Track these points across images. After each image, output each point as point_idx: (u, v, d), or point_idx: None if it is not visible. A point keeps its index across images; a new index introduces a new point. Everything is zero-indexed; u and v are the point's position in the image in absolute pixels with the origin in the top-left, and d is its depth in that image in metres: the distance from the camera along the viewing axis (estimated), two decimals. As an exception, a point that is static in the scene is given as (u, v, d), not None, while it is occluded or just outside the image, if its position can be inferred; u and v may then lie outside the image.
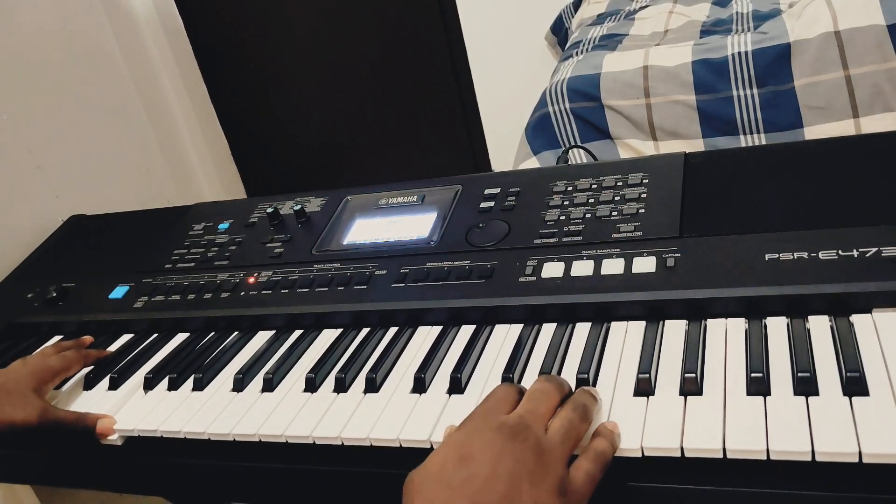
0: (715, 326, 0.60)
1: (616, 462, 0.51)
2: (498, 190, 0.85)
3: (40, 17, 1.29)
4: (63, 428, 0.68)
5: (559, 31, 2.19)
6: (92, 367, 0.79)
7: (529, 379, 0.60)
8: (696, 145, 1.39)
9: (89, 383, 0.77)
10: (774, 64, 1.31)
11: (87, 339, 0.83)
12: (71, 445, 0.70)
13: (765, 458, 0.47)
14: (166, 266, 0.93)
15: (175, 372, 0.73)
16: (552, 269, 0.70)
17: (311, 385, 0.67)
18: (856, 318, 0.57)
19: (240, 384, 0.70)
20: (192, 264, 0.92)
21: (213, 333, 0.82)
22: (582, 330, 0.65)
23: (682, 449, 0.49)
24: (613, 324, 0.65)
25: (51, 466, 0.75)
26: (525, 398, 0.52)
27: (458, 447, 0.47)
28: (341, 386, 0.66)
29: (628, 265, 0.67)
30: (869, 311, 0.57)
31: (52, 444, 0.71)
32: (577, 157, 1.45)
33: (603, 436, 0.51)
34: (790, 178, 0.72)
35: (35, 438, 0.68)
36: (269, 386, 0.68)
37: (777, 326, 0.58)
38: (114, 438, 0.68)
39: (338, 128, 2.46)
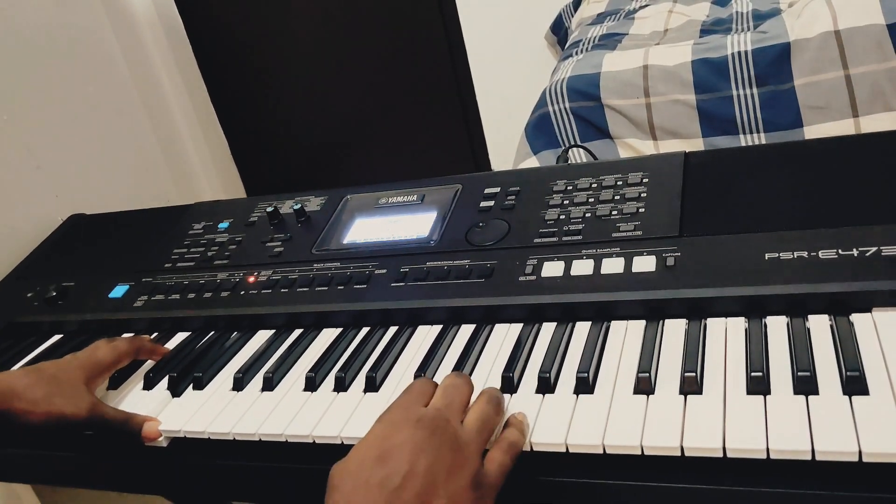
0: (715, 326, 0.60)
1: (616, 460, 0.51)
2: (498, 189, 0.85)
3: (40, 17, 1.29)
4: (110, 426, 0.67)
5: (559, 30, 2.19)
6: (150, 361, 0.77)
7: (529, 378, 0.60)
8: (696, 145, 1.39)
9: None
10: (774, 63, 1.31)
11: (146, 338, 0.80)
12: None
13: (765, 457, 0.47)
14: (166, 265, 0.93)
15: (175, 371, 0.73)
16: (552, 269, 0.70)
17: (311, 384, 0.67)
18: (856, 318, 0.57)
19: (239, 383, 0.70)
20: (192, 263, 0.92)
21: (212, 333, 0.82)
22: (582, 329, 0.65)
23: (681, 448, 0.49)
24: (613, 323, 0.65)
25: (51, 466, 0.75)
26: (439, 391, 0.53)
27: (377, 443, 0.47)
28: (341, 385, 0.66)
29: (628, 264, 0.67)
30: (869, 310, 0.57)
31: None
32: (577, 156, 1.45)
33: (514, 426, 0.52)
34: (790, 178, 0.72)
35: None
36: (268, 385, 0.69)
37: (777, 326, 0.58)
38: (160, 441, 0.67)
39: (338, 128, 2.46)
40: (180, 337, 0.83)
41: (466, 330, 0.70)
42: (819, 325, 0.57)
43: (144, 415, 0.68)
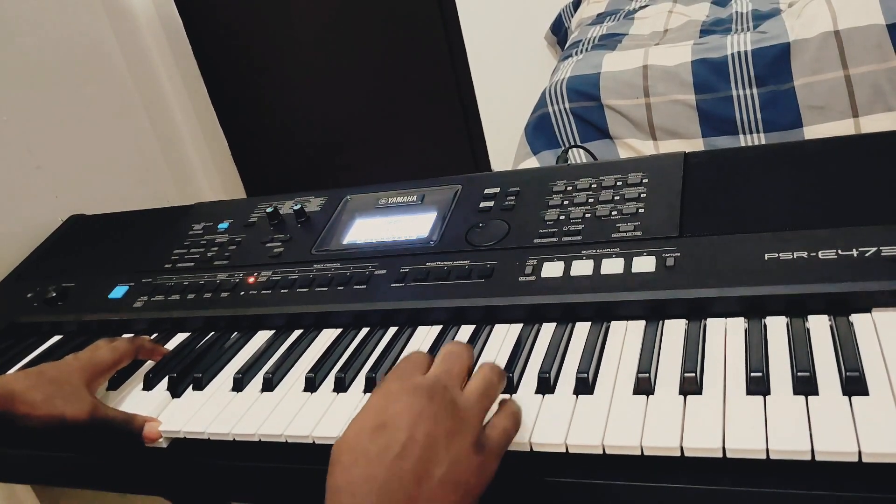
0: (714, 326, 0.60)
1: (616, 460, 0.51)
2: (498, 190, 0.85)
3: (40, 18, 1.29)
4: (112, 427, 0.66)
5: (559, 30, 2.19)
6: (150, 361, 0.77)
7: (529, 378, 0.60)
8: (696, 145, 1.39)
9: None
10: (774, 63, 1.31)
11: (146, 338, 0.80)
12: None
13: (764, 457, 0.47)
14: (166, 266, 0.93)
15: (174, 371, 0.73)
16: (552, 269, 0.70)
17: (311, 385, 0.67)
18: (856, 318, 0.57)
19: (239, 384, 0.70)
20: (192, 264, 0.92)
21: (212, 333, 0.82)
22: (582, 329, 0.65)
23: (681, 448, 0.49)
24: (613, 323, 0.65)
25: (51, 466, 0.75)
26: (438, 359, 0.52)
27: (374, 414, 0.47)
28: (341, 386, 0.66)
29: (628, 265, 0.67)
30: (869, 310, 0.57)
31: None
32: (577, 156, 1.45)
33: (511, 400, 0.53)
34: (790, 178, 0.72)
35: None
36: (268, 386, 0.69)
37: (777, 326, 0.58)
38: (160, 442, 0.67)
39: (338, 128, 2.46)
40: (180, 337, 0.83)
41: (466, 330, 0.70)
42: (819, 326, 0.57)
43: (145, 416, 0.68)
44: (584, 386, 0.57)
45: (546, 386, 0.58)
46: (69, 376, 0.67)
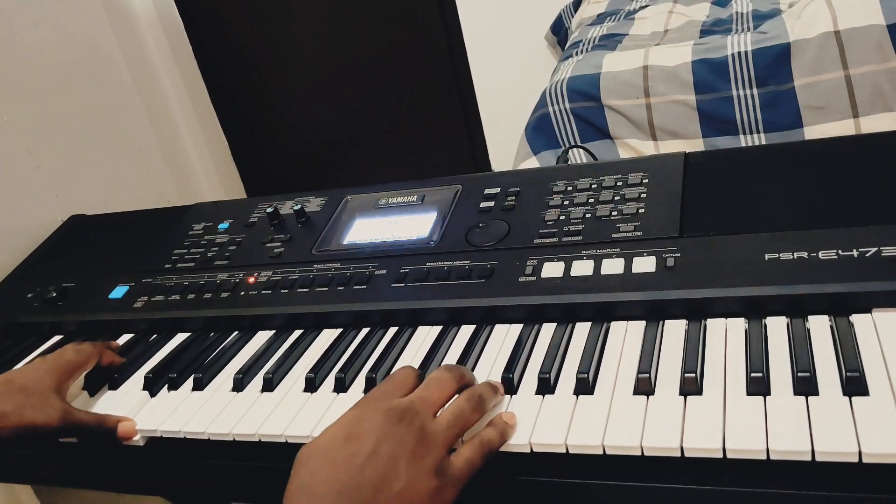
0: (715, 326, 0.60)
1: (616, 461, 0.51)
2: (498, 190, 0.85)
3: (40, 18, 1.29)
4: (84, 430, 0.67)
5: (559, 30, 2.19)
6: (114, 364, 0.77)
7: (529, 379, 0.60)
8: (696, 145, 1.39)
9: (90, 384, 0.77)
10: (774, 64, 1.31)
11: (113, 343, 0.81)
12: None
13: (765, 457, 0.47)
14: (166, 266, 0.93)
15: (175, 372, 0.73)
16: (552, 269, 0.70)
17: (311, 385, 0.67)
18: (856, 318, 0.57)
19: (239, 384, 0.70)
20: (192, 264, 0.92)
21: (213, 333, 0.82)
22: (582, 330, 0.65)
23: (681, 448, 0.49)
24: (613, 323, 0.65)
25: (51, 466, 0.75)
26: (422, 384, 0.55)
27: (347, 426, 0.50)
28: (341, 386, 0.66)
29: (628, 265, 0.67)
30: (869, 311, 0.57)
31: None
32: (577, 157, 1.45)
33: (494, 426, 0.54)
34: (790, 178, 0.72)
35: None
36: (268, 386, 0.68)
37: (777, 326, 0.58)
38: (137, 440, 0.67)
39: (338, 128, 2.46)
40: (180, 337, 0.83)
41: (466, 330, 0.70)
42: (819, 326, 0.57)
43: (118, 415, 0.68)
44: (585, 386, 0.57)
45: (546, 386, 0.58)
46: (38, 383, 0.67)
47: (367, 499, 0.46)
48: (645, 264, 0.67)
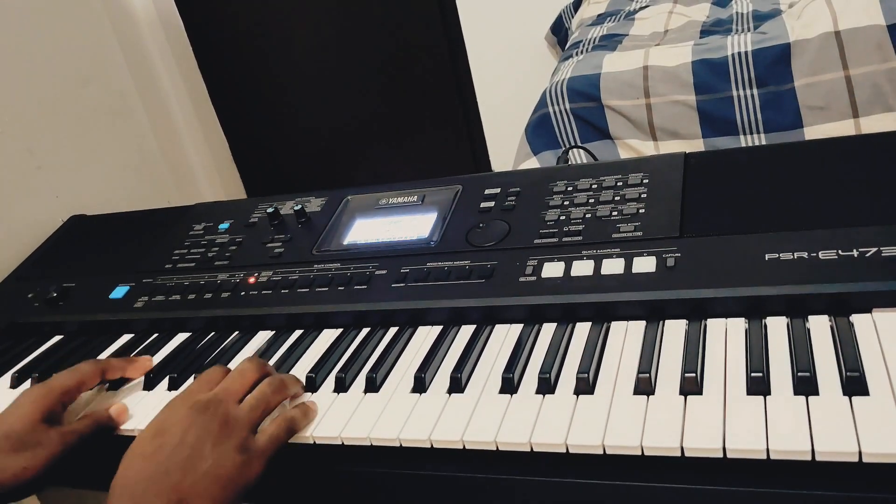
0: (715, 326, 0.60)
1: (616, 460, 0.51)
2: (498, 190, 0.85)
3: (40, 18, 1.29)
4: (87, 438, 0.65)
5: (559, 31, 2.19)
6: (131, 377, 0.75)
7: (530, 378, 0.60)
8: (696, 145, 1.39)
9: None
10: (774, 64, 1.31)
11: (143, 358, 0.77)
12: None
13: (765, 457, 0.47)
14: (166, 266, 0.93)
15: (175, 371, 0.73)
16: (552, 269, 0.70)
17: (311, 385, 0.67)
18: (856, 318, 0.57)
19: (240, 384, 0.70)
20: (193, 264, 0.92)
21: (213, 333, 0.82)
22: (582, 330, 0.65)
23: (682, 448, 0.49)
24: (613, 323, 0.65)
25: (51, 466, 0.75)
26: (227, 378, 0.61)
27: (156, 424, 0.56)
28: (341, 386, 0.66)
29: (628, 265, 0.67)
30: (869, 311, 0.57)
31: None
32: (577, 157, 1.45)
33: (298, 407, 0.61)
34: (790, 178, 0.72)
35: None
36: (269, 386, 0.68)
37: (777, 326, 0.58)
38: (130, 427, 0.67)
39: (338, 128, 2.47)
40: (181, 338, 0.83)
41: (467, 330, 0.70)
42: (819, 326, 0.57)
43: (104, 405, 0.69)
44: (585, 386, 0.57)
45: (546, 386, 0.58)
46: (23, 422, 0.63)
47: (175, 480, 0.52)
48: (645, 264, 0.67)
